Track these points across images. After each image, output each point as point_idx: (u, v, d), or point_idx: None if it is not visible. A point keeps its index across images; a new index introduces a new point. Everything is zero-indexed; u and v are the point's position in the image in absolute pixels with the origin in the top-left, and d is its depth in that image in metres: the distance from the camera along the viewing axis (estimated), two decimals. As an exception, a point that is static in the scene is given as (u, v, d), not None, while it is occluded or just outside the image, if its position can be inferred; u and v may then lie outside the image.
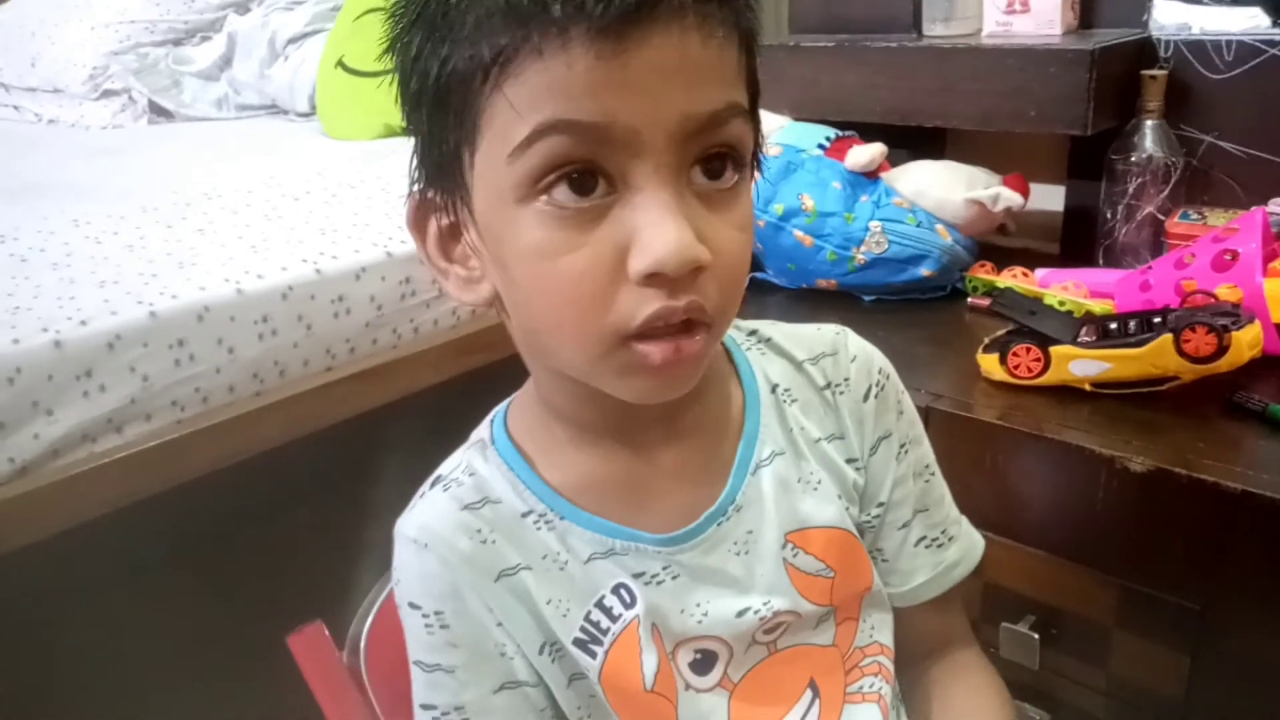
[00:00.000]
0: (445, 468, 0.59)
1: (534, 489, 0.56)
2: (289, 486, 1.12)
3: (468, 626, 0.54)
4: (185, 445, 1.01)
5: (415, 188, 0.51)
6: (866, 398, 0.61)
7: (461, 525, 0.55)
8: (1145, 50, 1.20)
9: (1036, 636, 0.94)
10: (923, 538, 0.64)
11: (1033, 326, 0.98)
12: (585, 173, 0.44)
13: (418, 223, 0.52)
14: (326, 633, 0.68)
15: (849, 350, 0.62)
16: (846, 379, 0.61)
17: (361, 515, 1.15)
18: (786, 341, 0.62)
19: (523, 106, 0.42)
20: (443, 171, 0.48)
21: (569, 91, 0.42)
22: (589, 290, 0.44)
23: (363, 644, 0.67)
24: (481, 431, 0.60)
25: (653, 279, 0.44)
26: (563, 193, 0.44)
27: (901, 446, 0.63)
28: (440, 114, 0.46)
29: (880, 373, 0.63)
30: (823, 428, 0.61)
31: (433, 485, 0.58)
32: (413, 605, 0.55)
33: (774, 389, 0.61)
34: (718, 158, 0.46)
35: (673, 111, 0.43)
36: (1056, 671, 0.95)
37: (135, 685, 1.03)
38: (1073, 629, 0.93)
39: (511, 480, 0.56)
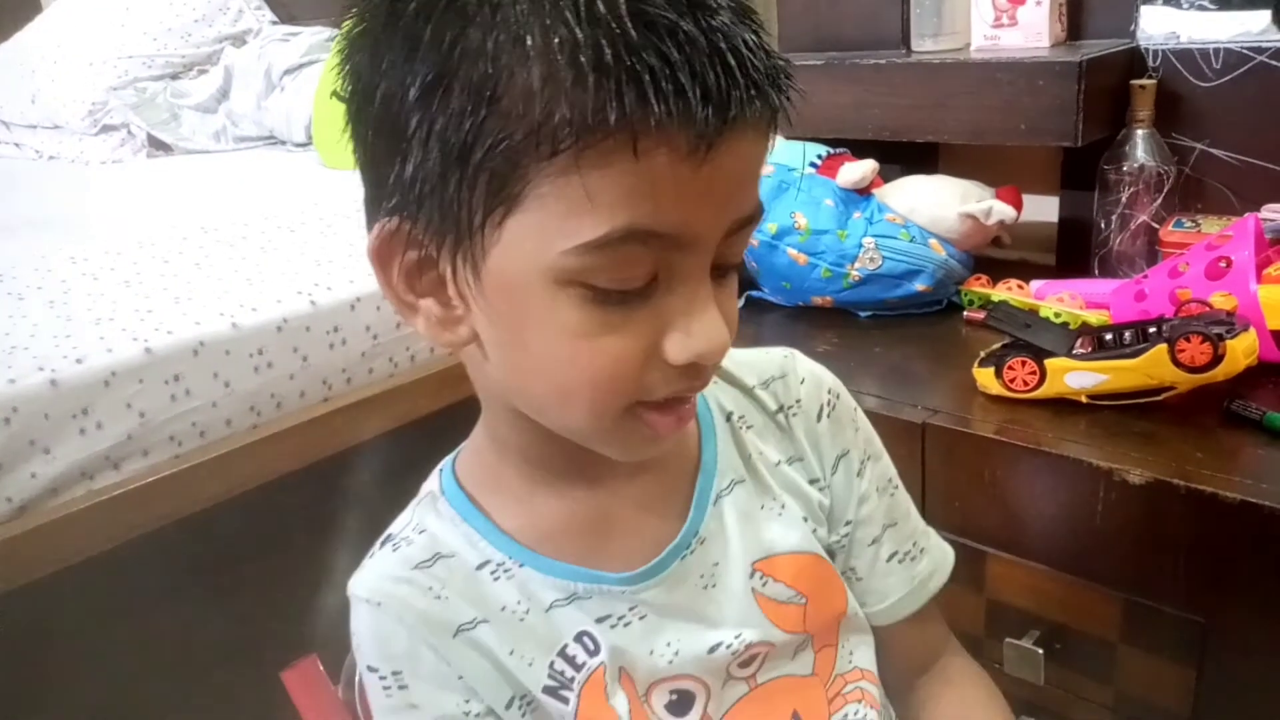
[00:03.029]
0: (395, 526, 0.57)
1: (490, 538, 0.55)
2: (288, 519, 1.12)
3: (427, 686, 0.53)
4: (183, 480, 1.02)
5: (390, 218, 0.45)
6: (820, 418, 0.62)
7: (413, 583, 0.54)
8: (1134, 60, 1.20)
9: (1041, 652, 0.93)
10: (894, 553, 0.64)
11: (1028, 339, 0.97)
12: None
13: (382, 253, 0.47)
14: (320, 667, 0.67)
15: (798, 373, 0.62)
16: (798, 400, 0.61)
17: (360, 547, 1.15)
18: (736, 369, 0.62)
19: (601, 201, 0.40)
20: (441, 213, 0.43)
21: (655, 196, 0.40)
22: (624, 371, 0.44)
23: (358, 677, 0.66)
24: (430, 484, 0.58)
25: (688, 366, 0.45)
26: (607, 279, 0.43)
27: (861, 462, 0.63)
28: (459, 167, 0.41)
29: (830, 392, 0.63)
30: (781, 451, 0.61)
31: (382, 545, 0.56)
32: (370, 668, 0.54)
33: (729, 417, 0.60)
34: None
35: (729, 218, 0.44)
36: (1062, 687, 0.94)
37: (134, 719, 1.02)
38: (1077, 644, 0.92)
39: (465, 532, 0.55)
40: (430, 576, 0.54)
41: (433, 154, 0.42)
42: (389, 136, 0.43)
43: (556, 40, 0.38)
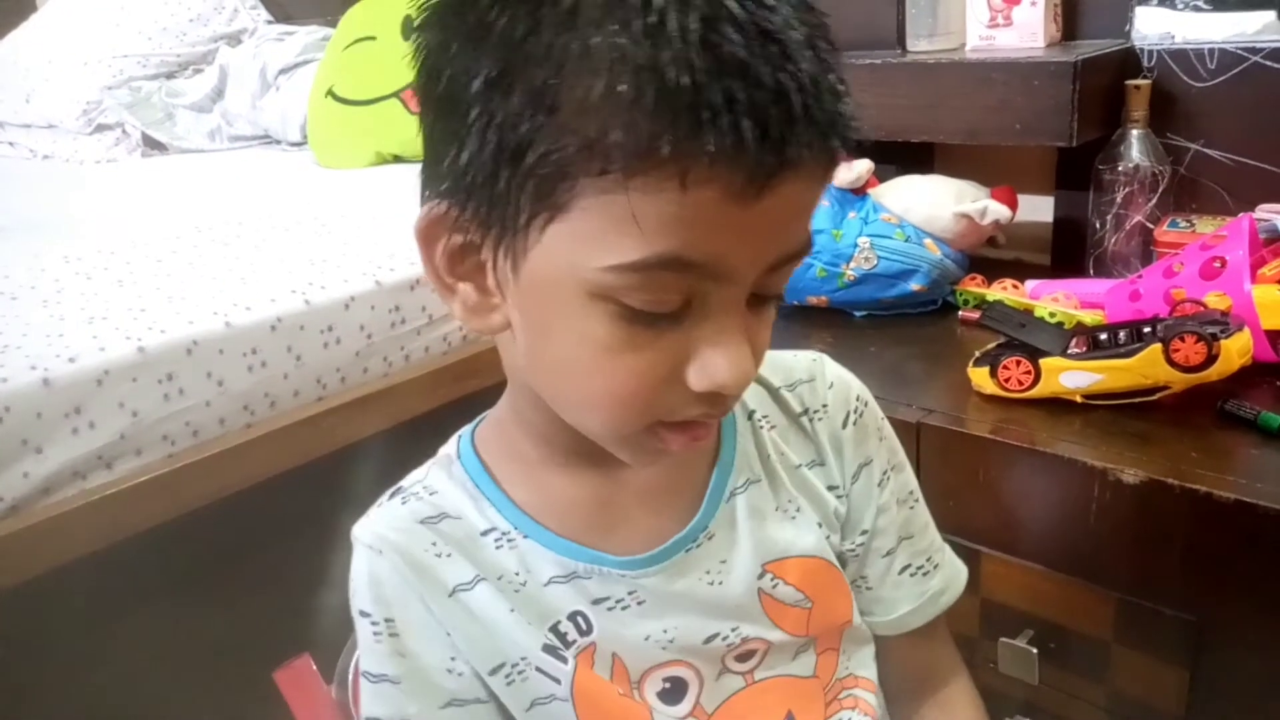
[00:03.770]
0: (407, 481, 0.58)
1: (499, 506, 0.55)
2: (281, 518, 1.12)
3: (417, 637, 0.54)
4: (176, 479, 1.01)
5: (440, 201, 0.46)
6: (845, 424, 0.61)
7: (417, 536, 0.54)
8: (1129, 60, 1.20)
9: (1035, 651, 0.93)
10: (907, 566, 0.63)
11: (1023, 339, 0.97)
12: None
13: (429, 233, 0.47)
14: (314, 666, 0.67)
15: (826, 377, 0.62)
16: (824, 405, 0.61)
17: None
18: (763, 369, 0.61)
19: (644, 225, 0.39)
20: (489, 206, 0.44)
21: (699, 227, 0.40)
22: (643, 389, 0.45)
23: (350, 677, 0.66)
24: (448, 448, 0.59)
25: (709, 394, 0.45)
26: (639, 300, 0.42)
27: (884, 473, 0.62)
28: (511, 166, 0.41)
29: (858, 399, 0.62)
30: (802, 454, 0.61)
31: (391, 496, 0.57)
32: (363, 613, 0.54)
33: (750, 415, 0.60)
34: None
35: (771, 254, 0.43)
36: (1056, 687, 0.94)
37: (129, 722, 1.02)
38: (1071, 643, 0.92)
39: (475, 496, 0.56)
40: (434, 533, 0.55)
41: (488, 147, 0.41)
42: (449, 121, 0.43)
43: (622, 56, 0.38)
